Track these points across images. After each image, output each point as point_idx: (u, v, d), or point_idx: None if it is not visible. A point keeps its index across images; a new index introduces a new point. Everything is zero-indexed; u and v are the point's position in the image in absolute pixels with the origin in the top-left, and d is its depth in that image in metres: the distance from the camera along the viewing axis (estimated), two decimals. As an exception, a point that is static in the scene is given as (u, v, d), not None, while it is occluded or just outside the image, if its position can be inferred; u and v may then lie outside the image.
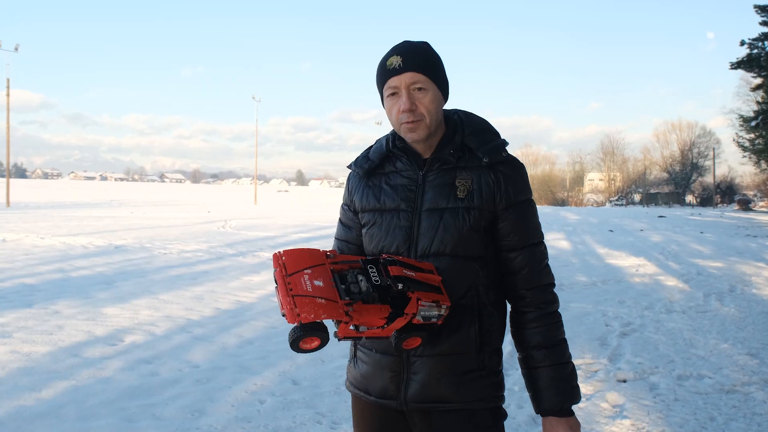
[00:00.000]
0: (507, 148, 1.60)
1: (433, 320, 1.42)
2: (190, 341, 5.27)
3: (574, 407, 1.59)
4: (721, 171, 63.71)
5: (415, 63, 1.50)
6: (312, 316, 1.23)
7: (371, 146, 1.71)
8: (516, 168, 1.57)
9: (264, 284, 8.32)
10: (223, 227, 18.73)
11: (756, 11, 30.38)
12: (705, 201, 60.06)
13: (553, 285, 1.60)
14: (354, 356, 1.68)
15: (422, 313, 1.38)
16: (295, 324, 1.25)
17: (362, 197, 1.66)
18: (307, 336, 1.27)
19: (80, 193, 60.15)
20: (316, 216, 26.81)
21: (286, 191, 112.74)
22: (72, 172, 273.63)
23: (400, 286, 1.35)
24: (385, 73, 1.54)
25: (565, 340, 1.57)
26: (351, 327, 1.33)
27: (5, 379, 4.17)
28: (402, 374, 1.55)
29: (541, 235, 1.61)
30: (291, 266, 1.32)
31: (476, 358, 1.53)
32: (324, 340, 1.29)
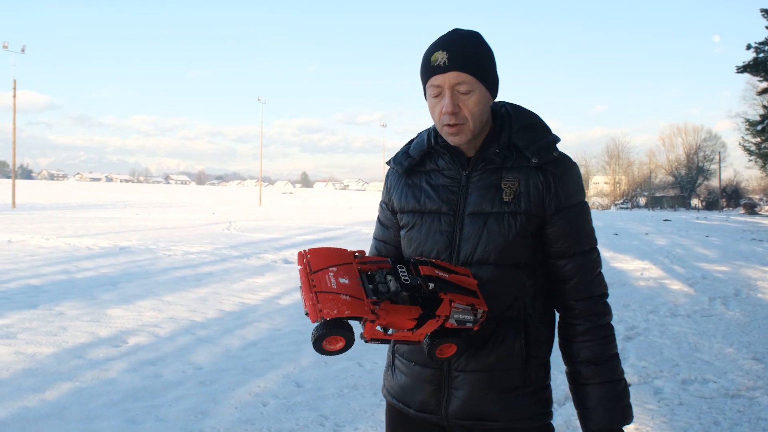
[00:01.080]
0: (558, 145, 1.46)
1: (468, 325, 1.29)
2: (194, 343, 5.28)
3: None
4: (726, 175, 63.38)
5: (461, 61, 1.36)
6: (335, 311, 1.15)
7: (412, 140, 1.59)
8: (567, 168, 1.44)
9: (268, 286, 8.33)
10: (227, 229, 18.76)
11: (762, 15, 30.32)
12: (710, 205, 59.80)
13: (606, 295, 1.47)
14: (392, 364, 1.58)
15: (456, 316, 1.26)
16: (318, 321, 1.18)
17: (401, 197, 1.54)
18: (330, 335, 1.18)
19: (85, 194, 60.33)
20: (321, 218, 26.84)
21: (291, 193, 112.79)
22: (77, 174, 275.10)
23: (431, 285, 1.24)
24: (429, 69, 1.40)
25: (617, 355, 1.45)
26: (378, 328, 1.23)
27: (9, 380, 4.19)
28: (443, 389, 1.45)
29: (594, 241, 1.48)
30: (316, 264, 1.26)
31: (522, 373, 1.42)
32: (349, 341, 1.20)
